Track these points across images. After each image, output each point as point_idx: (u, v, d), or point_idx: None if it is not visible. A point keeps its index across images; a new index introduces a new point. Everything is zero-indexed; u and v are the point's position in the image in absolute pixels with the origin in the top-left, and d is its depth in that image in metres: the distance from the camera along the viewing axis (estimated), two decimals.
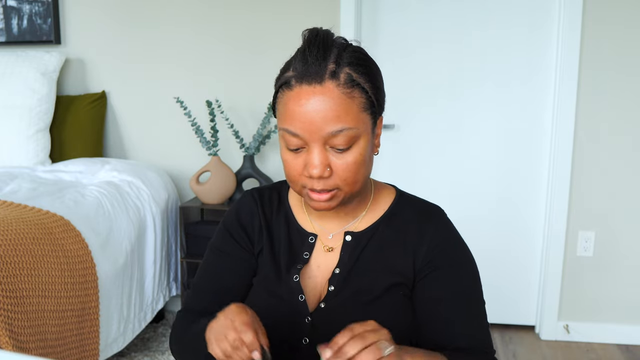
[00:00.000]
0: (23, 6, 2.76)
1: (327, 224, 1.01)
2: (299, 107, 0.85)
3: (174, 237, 2.62)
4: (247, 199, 1.05)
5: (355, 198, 0.97)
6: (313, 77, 0.84)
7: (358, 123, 0.86)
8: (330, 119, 0.84)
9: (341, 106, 0.84)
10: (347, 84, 0.85)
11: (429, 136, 2.66)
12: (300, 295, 0.95)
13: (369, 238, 0.98)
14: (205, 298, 1.03)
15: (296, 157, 0.89)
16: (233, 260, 1.02)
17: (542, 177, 2.61)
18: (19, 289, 1.57)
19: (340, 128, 0.84)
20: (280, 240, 1.01)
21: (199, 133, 2.53)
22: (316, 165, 0.86)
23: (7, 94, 2.51)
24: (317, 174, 0.86)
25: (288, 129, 0.87)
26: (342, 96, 0.84)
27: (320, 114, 0.84)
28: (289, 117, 0.86)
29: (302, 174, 0.89)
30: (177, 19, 2.71)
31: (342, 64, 0.85)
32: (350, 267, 0.96)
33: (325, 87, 0.84)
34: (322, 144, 0.86)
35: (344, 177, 0.88)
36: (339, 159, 0.87)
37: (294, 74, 0.86)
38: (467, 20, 2.56)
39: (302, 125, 0.85)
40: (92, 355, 1.86)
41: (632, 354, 2.49)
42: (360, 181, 0.91)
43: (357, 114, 0.86)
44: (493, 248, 2.66)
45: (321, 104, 0.84)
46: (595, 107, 2.48)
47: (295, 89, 0.86)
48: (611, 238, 2.55)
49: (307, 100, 0.84)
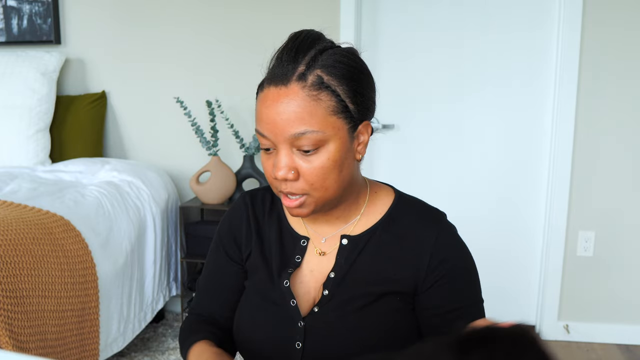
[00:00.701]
0: (23, 6, 2.76)
1: (319, 227, 0.99)
2: (266, 108, 0.86)
3: (174, 237, 2.62)
4: (239, 203, 1.06)
5: (341, 201, 0.94)
6: (280, 78, 0.85)
7: (324, 127, 0.84)
8: (293, 121, 0.83)
9: (305, 108, 0.83)
10: (313, 86, 0.84)
11: (429, 136, 2.66)
12: (292, 300, 0.94)
13: (366, 242, 0.96)
14: (208, 302, 1.07)
15: (269, 159, 0.89)
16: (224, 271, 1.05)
17: (542, 177, 2.61)
18: (19, 289, 1.57)
19: (302, 130, 0.84)
20: (272, 243, 1.00)
21: (199, 133, 2.53)
22: (281, 167, 0.86)
23: (7, 94, 2.51)
24: (282, 175, 0.86)
25: (258, 130, 0.88)
26: (307, 98, 0.83)
27: (282, 115, 0.84)
28: (258, 118, 0.88)
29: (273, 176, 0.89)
30: (177, 19, 2.71)
31: (314, 66, 0.85)
32: (346, 272, 0.95)
33: (290, 89, 0.84)
34: (289, 146, 0.86)
35: (310, 181, 0.87)
36: (305, 162, 0.86)
37: (266, 75, 0.88)
38: (467, 22, 2.56)
39: (268, 127, 0.86)
40: (92, 355, 1.86)
41: (632, 354, 2.49)
42: (332, 187, 0.88)
43: (323, 117, 0.84)
44: (493, 248, 2.66)
45: (285, 106, 0.84)
46: (595, 107, 2.48)
47: (265, 91, 0.87)
48: (611, 238, 2.55)
49: (272, 101, 0.85)
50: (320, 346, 0.92)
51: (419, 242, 0.95)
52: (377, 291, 0.93)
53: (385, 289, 0.94)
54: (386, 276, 0.94)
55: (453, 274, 0.94)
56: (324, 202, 0.90)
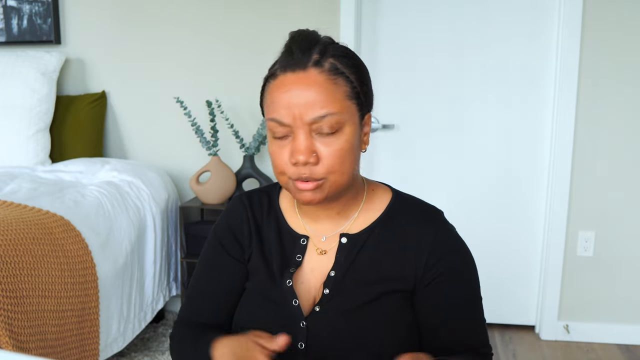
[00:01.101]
0: (23, 6, 2.76)
1: (319, 226, 0.99)
2: (284, 93, 0.87)
3: (174, 237, 2.62)
4: (236, 204, 1.05)
5: (343, 193, 0.95)
6: (297, 65, 0.87)
7: (342, 109, 0.87)
8: (314, 104, 0.85)
9: (325, 92, 0.86)
10: (330, 72, 0.87)
11: (429, 137, 2.66)
12: (294, 299, 0.94)
13: (365, 240, 0.96)
14: (199, 311, 1.03)
15: (282, 147, 0.89)
16: (225, 271, 1.02)
17: (542, 177, 2.61)
18: (19, 289, 1.57)
19: (324, 113, 0.86)
20: (271, 243, 1.00)
21: (199, 133, 2.53)
22: (302, 151, 0.86)
23: (7, 94, 2.51)
24: (303, 159, 0.86)
25: (274, 117, 0.88)
26: (326, 82, 0.86)
27: (303, 99, 0.85)
28: (275, 106, 0.88)
29: (289, 164, 0.89)
30: (177, 18, 2.71)
31: (326, 55, 0.88)
32: (346, 270, 0.95)
33: (308, 74, 0.86)
34: (308, 131, 0.87)
35: (330, 164, 0.88)
36: (325, 145, 0.87)
37: (278, 65, 0.89)
38: (468, 27, 2.56)
39: (287, 112, 0.86)
40: (92, 355, 1.86)
41: (632, 354, 2.49)
42: (347, 172, 0.90)
43: (341, 101, 0.87)
44: (493, 248, 2.66)
45: (305, 90, 0.86)
46: (595, 107, 2.48)
47: (280, 78, 0.88)
48: (611, 238, 2.55)
49: (292, 86, 0.86)
50: (322, 346, 0.92)
51: (417, 240, 0.95)
52: (377, 289, 0.94)
53: (385, 286, 0.94)
54: (386, 274, 0.95)
55: (451, 272, 0.95)
56: (337, 187, 0.90)
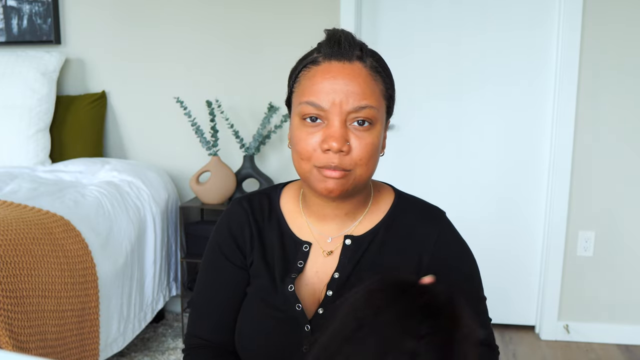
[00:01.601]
0: (23, 6, 2.76)
1: (325, 226, 0.98)
2: (327, 79, 0.88)
3: (174, 237, 2.62)
4: (236, 209, 1.02)
5: (356, 193, 0.95)
6: (343, 55, 0.89)
7: (379, 106, 0.89)
8: (358, 93, 0.87)
9: (367, 85, 0.88)
10: (372, 68, 0.89)
11: (429, 136, 2.66)
12: (298, 304, 0.93)
13: (369, 242, 0.96)
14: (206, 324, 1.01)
15: (312, 133, 0.89)
16: (227, 279, 1.00)
17: (542, 177, 2.61)
18: (19, 289, 1.57)
19: (365, 104, 0.87)
20: (273, 248, 0.98)
21: (199, 133, 2.53)
22: (337, 138, 0.86)
23: (7, 94, 2.51)
24: (337, 146, 0.86)
25: (313, 101, 0.88)
26: (369, 77, 0.89)
27: (347, 87, 0.87)
28: (315, 90, 0.88)
29: (317, 151, 0.88)
30: (177, 18, 2.71)
31: (366, 54, 0.90)
32: (350, 272, 0.95)
33: (354, 66, 0.88)
34: (344, 120, 0.88)
35: (359, 156, 0.88)
36: (357, 138, 0.88)
37: (321, 54, 0.90)
38: (467, 20, 2.56)
39: (328, 98, 0.87)
40: (92, 355, 1.86)
41: (632, 354, 2.49)
42: (371, 169, 0.92)
43: (379, 97, 0.90)
44: (493, 248, 2.66)
45: (350, 80, 0.87)
46: (595, 107, 2.48)
47: (324, 64, 0.89)
48: (611, 238, 2.55)
49: (337, 74, 0.88)
50: None
51: (420, 240, 0.95)
52: None
53: None
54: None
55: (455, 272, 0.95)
56: (359, 183, 0.91)
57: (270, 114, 2.53)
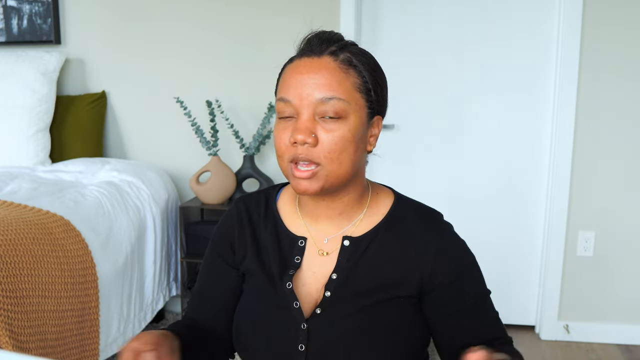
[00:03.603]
0: (23, 6, 2.76)
1: (320, 226, 0.98)
2: (296, 74, 0.90)
3: (174, 237, 2.62)
4: (232, 209, 1.06)
5: (344, 192, 0.95)
6: (312, 52, 0.91)
7: (350, 98, 0.89)
8: (323, 85, 0.88)
9: (334, 77, 0.88)
10: (344, 62, 0.90)
11: (429, 136, 2.66)
12: (295, 302, 0.94)
13: (367, 243, 0.96)
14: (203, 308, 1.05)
15: (285, 128, 0.90)
16: (221, 276, 1.04)
17: (542, 177, 2.61)
18: (19, 289, 1.57)
19: (330, 96, 0.87)
20: (268, 246, 0.99)
21: (199, 133, 2.53)
22: (302, 130, 0.87)
23: (7, 94, 2.51)
24: (301, 139, 0.87)
25: (283, 97, 0.90)
26: (337, 69, 0.89)
27: (313, 80, 0.88)
28: (285, 86, 0.91)
29: (288, 145, 0.89)
30: (178, 18, 2.71)
31: (344, 49, 0.91)
32: (348, 273, 0.94)
33: (322, 60, 0.90)
34: (312, 113, 0.88)
35: (328, 149, 0.88)
36: (326, 131, 0.88)
37: (296, 53, 0.93)
38: (467, 22, 2.56)
39: (295, 91, 0.89)
40: (92, 355, 1.86)
41: (632, 354, 2.49)
42: (346, 164, 0.90)
43: (349, 90, 0.89)
44: (493, 248, 2.66)
45: (316, 73, 0.88)
46: (595, 107, 2.48)
47: (295, 62, 0.92)
48: (611, 238, 2.55)
49: (304, 68, 0.89)
50: (323, 348, 0.92)
51: (420, 244, 0.95)
52: (379, 293, 0.93)
53: (387, 291, 0.94)
54: (388, 279, 0.94)
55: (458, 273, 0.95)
56: (334, 179, 0.90)
57: (270, 114, 2.53)
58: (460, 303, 0.95)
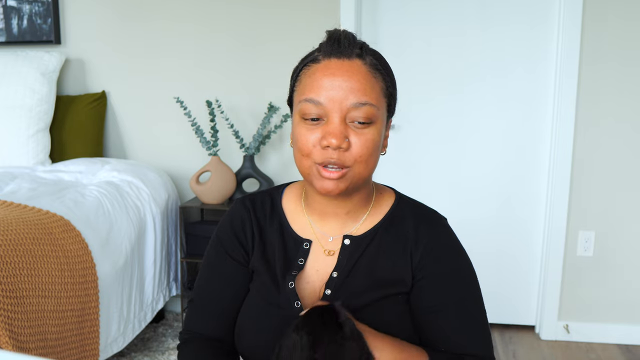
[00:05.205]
0: (23, 6, 2.76)
1: (326, 226, 0.99)
2: (327, 77, 0.88)
3: (174, 237, 2.62)
4: (239, 207, 1.04)
5: (356, 192, 0.95)
6: (342, 53, 0.89)
7: (378, 103, 0.90)
8: (357, 90, 0.87)
9: (367, 82, 0.88)
10: (372, 66, 0.90)
11: (429, 135, 2.66)
12: (297, 301, 0.94)
13: (368, 242, 0.97)
14: (205, 320, 1.02)
15: (312, 130, 0.89)
16: (229, 277, 1.01)
17: (542, 177, 2.61)
18: (19, 289, 1.57)
19: (364, 101, 0.88)
20: (274, 246, 0.99)
21: (199, 133, 2.53)
22: (336, 134, 0.87)
23: (7, 94, 2.51)
24: (336, 143, 0.87)
25: (313, 98, 0.89)
26: (369, 74, 0.89)
27: (347, 84, 0.87)
28: (315, 87, 0.89)
29: (317, 147, 0.89)
30: (177, 18, 2.71)
31: (367, 52, 0.91)
32: (348, 271, 0.95)
33: (353, 63, 0.89)
34: (343, 117, 0.88)
35: (359, 153, 0.88)
36: (356, 135, 0.88)
37: (321, 52, 0.91)
38: (467, 18, 2.56)
39: (327, 94, 0.88)
40: (92, 355, 1.86)
41: (632, 354, 2.49)
42: (371, 166, 0.92)
43: (378, 95, 0.90)
44: (493, 248, 2.66)
45: (350, 77, 0.88)
46: (596, 107, 2.48)
47: (324, 62, 0.90)
48: (611, 238, 2.55)
49: (336, 70, 0.88)
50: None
51: (413, 240, 0.96)
52: (379, 291, 0.94)
53: (387, 289, 0.94)
54: (387, 277, 0.95)
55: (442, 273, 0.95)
56: (358, 180, 0.91)
57: (270, 114, 2.53)
58: (435, 301, 0.94)
